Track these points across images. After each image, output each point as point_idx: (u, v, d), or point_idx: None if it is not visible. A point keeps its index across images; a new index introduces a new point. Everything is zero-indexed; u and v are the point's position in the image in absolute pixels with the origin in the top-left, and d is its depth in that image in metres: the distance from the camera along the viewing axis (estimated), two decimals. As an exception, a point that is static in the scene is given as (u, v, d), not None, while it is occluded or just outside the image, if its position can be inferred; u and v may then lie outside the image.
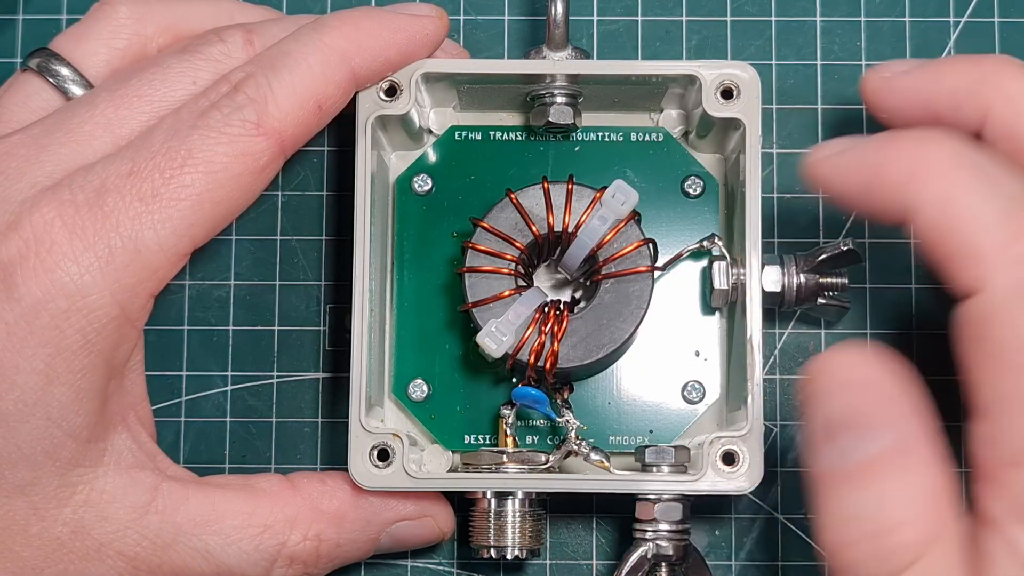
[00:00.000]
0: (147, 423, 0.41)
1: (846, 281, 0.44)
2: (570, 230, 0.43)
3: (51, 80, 0.42)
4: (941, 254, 0.34)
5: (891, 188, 0.36)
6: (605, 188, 0.42)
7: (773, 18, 0.49)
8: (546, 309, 0.42)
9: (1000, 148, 0.37)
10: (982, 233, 0.34)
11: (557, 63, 0.44)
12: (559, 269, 0.45)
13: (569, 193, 0.43)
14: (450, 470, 0.44)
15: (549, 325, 0.42)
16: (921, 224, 0.35)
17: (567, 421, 0.43)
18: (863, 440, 0.33)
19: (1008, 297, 0.33)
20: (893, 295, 0.47)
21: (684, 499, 0.42)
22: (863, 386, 0.33)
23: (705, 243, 0.44)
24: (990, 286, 0.33)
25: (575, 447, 0.43)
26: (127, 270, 0.37)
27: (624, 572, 0.42)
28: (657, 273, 0.43)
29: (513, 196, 0.43)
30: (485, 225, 0.43)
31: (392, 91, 0.43)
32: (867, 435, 0.33)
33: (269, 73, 0.39)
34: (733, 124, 0.43)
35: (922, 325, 0.47)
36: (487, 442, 0.45)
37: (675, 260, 0.45)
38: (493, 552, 0.43)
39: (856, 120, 0.48)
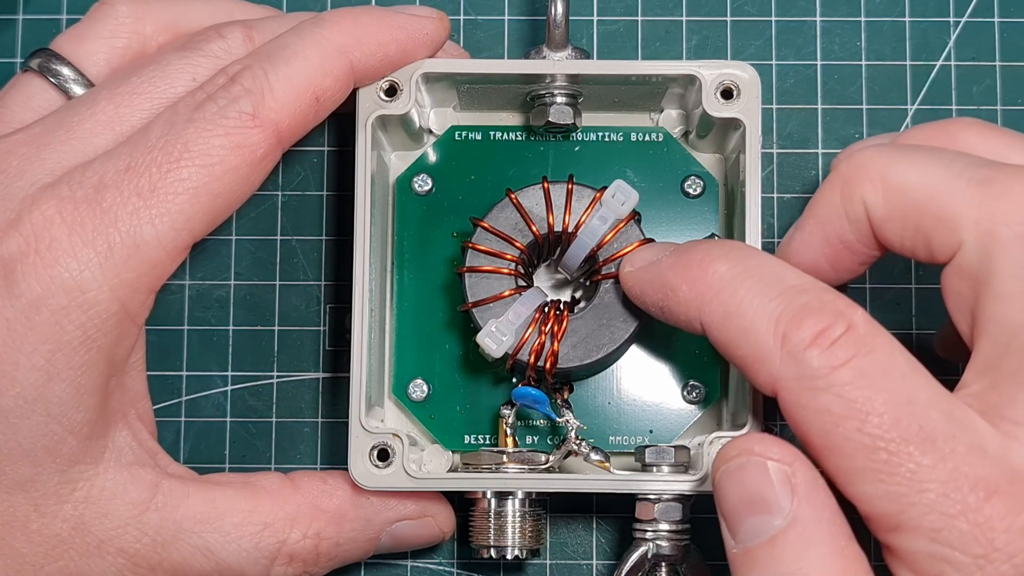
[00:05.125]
0: (148, 421, 0.41)
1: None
2: (570, 230, 0.43)
3: (52, 80, 0.42)
4: (736, 361, 0.36)
5: (681, 308, 0.37)
6: (605, 188, 0.42)
7: (773, 18, 0.49)
8: (546, 309, 0.42)
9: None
10: (762, 340, 0.35)
11: (557, 63, 0.44)
12: (559, 269, 0.45)
13: (569, 193, 0.43)
14: (450, 470, 0.44)
15: (549, 325, 0.42)
16: (712, 337, 0.36)
17: (567, 421, 0.43)
18: (762, 520, 0.34)
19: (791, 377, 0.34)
20: (893, 295, 0.47)
21: (684, 499, 0.42)
22: (757, 471, 0.34)
23: (705, 243, 0.44)
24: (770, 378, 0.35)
25: (575, 447, 0.42)
26: (126, 265, 0.37)
27: (624, 572, 0.42)
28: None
29: (513, 196, 0.43)
30: (485, 225, 0.43)
31: (392, 91, 0.43)
32: (765, 515, 0.34)
33: (266, 65, 0.39)
34: (733, 124, 0.43)
35: (922, 325, 0.47)
36: (487, 442, 0.44)
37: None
38: (493, 552, 0.43)
39: (856, 119, 0.48)
